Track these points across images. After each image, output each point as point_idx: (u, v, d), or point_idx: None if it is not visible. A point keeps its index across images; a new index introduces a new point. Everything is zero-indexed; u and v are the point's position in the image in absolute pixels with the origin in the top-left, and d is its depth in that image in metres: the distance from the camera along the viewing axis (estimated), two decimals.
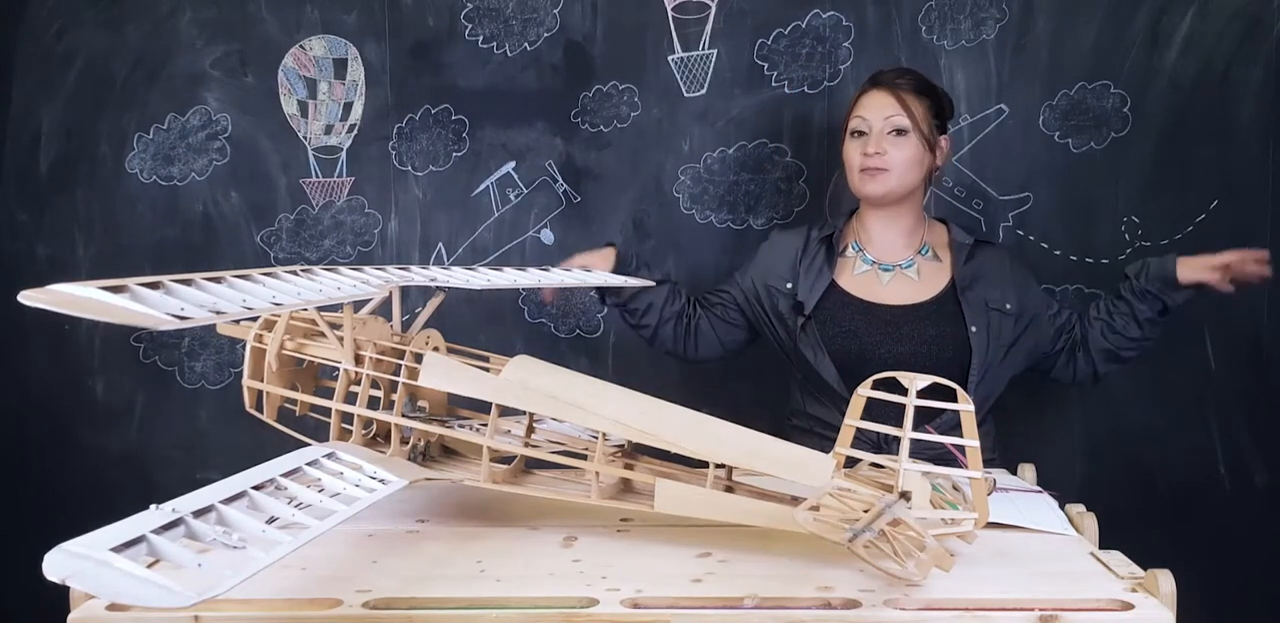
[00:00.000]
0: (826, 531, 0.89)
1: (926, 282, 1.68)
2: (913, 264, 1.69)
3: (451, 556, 1.03)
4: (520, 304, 2.14)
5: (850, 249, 1.73)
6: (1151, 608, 0.86)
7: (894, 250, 1.71)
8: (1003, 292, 1.66)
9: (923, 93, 1.65)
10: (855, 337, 1.63)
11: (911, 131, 1.62)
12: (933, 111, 1.66)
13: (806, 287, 1.68)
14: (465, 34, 2.09)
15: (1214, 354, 1.98)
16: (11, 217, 2.17)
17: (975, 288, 1.65)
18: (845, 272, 1.71)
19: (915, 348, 1.61)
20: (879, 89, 1.65)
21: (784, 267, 1.72)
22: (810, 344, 1.65)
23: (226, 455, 2.11)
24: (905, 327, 1.63)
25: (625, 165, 2.10)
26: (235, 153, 2.14)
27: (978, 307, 1.63)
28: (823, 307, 1.67)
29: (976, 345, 1.61)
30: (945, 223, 1.75)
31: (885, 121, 1.63)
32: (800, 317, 1.66)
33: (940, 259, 1.70)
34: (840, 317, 1.65)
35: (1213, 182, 1.95)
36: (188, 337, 2.16)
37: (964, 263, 1.67)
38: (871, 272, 1.70)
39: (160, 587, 0.69)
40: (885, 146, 1.62)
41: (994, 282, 1.66)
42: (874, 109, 1.64)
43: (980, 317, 1.63)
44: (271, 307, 0.86)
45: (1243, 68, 1.93)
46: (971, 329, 1.62)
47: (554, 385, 1.07)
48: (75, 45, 2.13)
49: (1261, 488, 1.98)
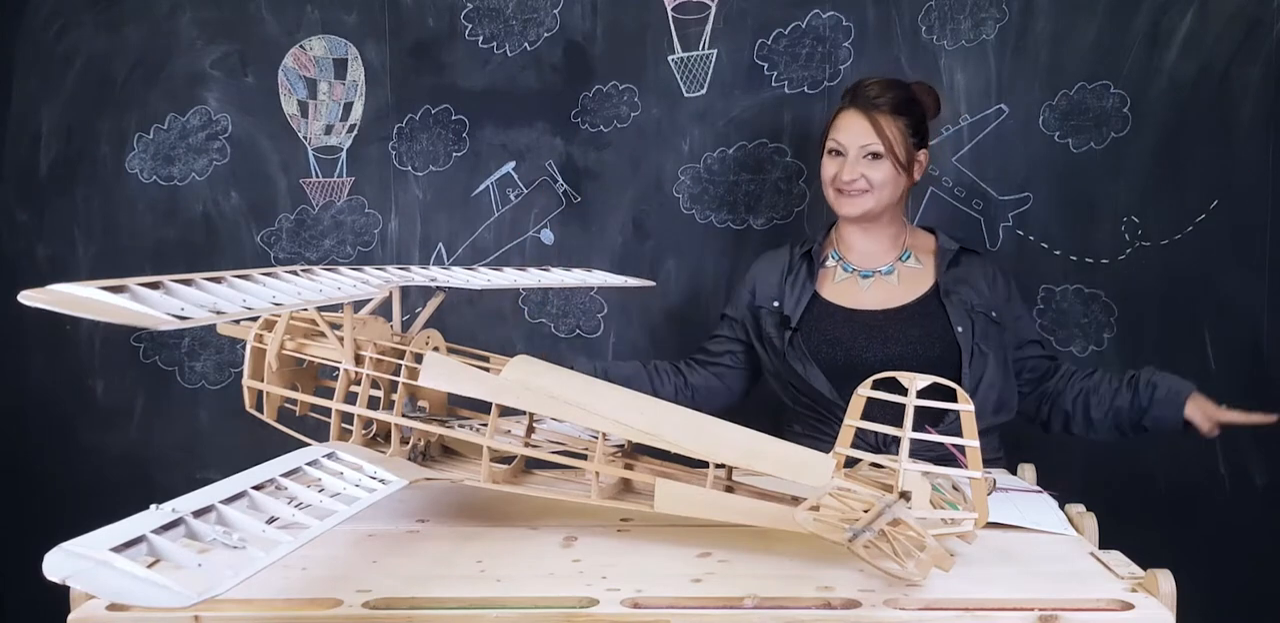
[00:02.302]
0: (826, 531, 0.89)
1: (906, 286, 1.68)
2: (893, 270, 1.70)
3: (451, 556, 1.03)
4: (520, 304, 2.14)
5: (830, 259, 1.74)
6: (1151, 608, 0.86)
7: (874, 257, 1.72)
8: (986, 300, 1.65)
9: (900, 111, 1.64)
10: (840, 343, 1.64)
11: (886, 156, 1.63)
12: (910, 129, 1.65)
13: (792, 301, 1.69)
14: (465, 34, 2.09)
15: (1214, 354, 1.98)
16: (11, 217, 2.17)
17: (959, 291, 1.65)
18: (827, 282, 1.72)
19: (902, 349, 1.61)
20: (855, 110, 1.64)
21: (772, 287, 1.73)
22: (798, 357, 1.65)
23: (226, 455, 2.11)
24: (889, 328, 1.63)
25: (625, 165, 2.10)
26: (235, 153, 2.14)
27: (961, 309, 1.63)
28: (806, 319, 1.67)
29: (964, 344, 1.60)
30: (934, 232, 1.75)
31: (859, 148, 1.63)
32: (787, 330, 1.66)
33: (922, 264, 1.70)
34: (824, 326, 1.66)
35: (1213, 182, 1.95)
36: (188, 337, 2.16)
37: (947, 268, 1.67)
38: (851, 278, 1.71)
39: (160, 587, 0.69)
40: (860, 171, 1.63)
41: (978, 289, 1.66)
42: (849, 133, 1.64)
43: (964, 318, 1.62)
44: (271, 307, 0.86)
45: (1243, 68, 1.93)
46: (958, 329, 1.61)
47: (554, 385, 1.07)
48: (75, 45, 2.13)
49: (1261, 488, 1.98)
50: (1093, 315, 2.01)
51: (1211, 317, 1.96)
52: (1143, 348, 2.00)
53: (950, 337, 1.61)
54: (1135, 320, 2.00)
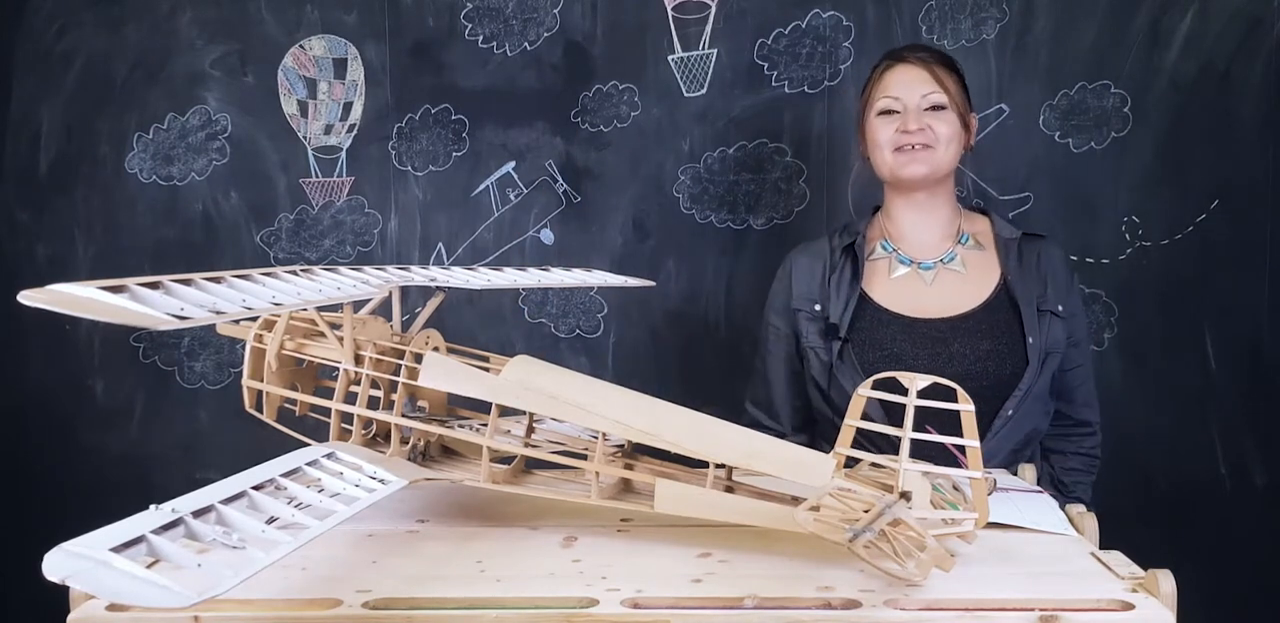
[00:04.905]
0: (827, 531, 0.89)
1: (975, 275, 1.51)
2: (955, 256, 1.52)
3: (451, 556, 1.03)
4: (520, 304, 2.14)
5: (880, 250, 1.56)
6: (1152, 608, 0.86)
7: (931, 244, 1.54)
8: (1053, 290, 1.49)
9: (950, 67, 1.53)
10: (900, 360, 1.44)
11: (949, 107, 1.49)
12: (962, 86, 1.53)
13: (839, 306, 1.50)
14: (465, 34, 2.09)
15: (1214, 354, 1.98)
16: (11, 217, 2.17)
17: (1026, 285, 1.48)
18: (879, 279, 1.53)
19: (969, 367, 1.43)
20: (908, 64, 1.50)
21: (812, 286, 1.55)
22: (849, 372, 1.46)
23: (226, 455, 2.11)
24: (955, 343, 1.45)
25: (625, 165, 2.10)
26: (235, 153, 2.14)
27: (1032, 309, 1.47)
28: (857, 327, 1.49)
29: (1033, 357, 1.44)
30: (987, 214, 1.60)
31: (922, 99, 1.48)
32: (836, 341, 1.48)
33: (984, 246, 1.54)
34: (880, 338, 1.47)
35: (1213, 182, 1.95)
36: (187, 337, 2.16)
37: (1012, 259, 1.51)
38: (911, 272, 1.52)
39: (160, 587, 0.69)
40: (926, 121, 1.47)
41: (1043, 278, 1.50)
42: (907, 86, 1.49)
43: (1035, 323, 1.45)
44: (271, 307, 0.86)
45: (1243, 67, 1.94)
46: (1029, 340, 1.44)
47: (554, 385, 1.07)
48: (75, 45, 2.13)
49: (1261, 488, 1.98)
50: (1093, 315, 2.01)
51: (1211, 317, 1.96)
52: (1143, 348, 2.00)
53: (1021, 350, 1.45)
54: (1135, 320, 2.00)
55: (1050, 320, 1.48)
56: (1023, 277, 1.50)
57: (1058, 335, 1.49)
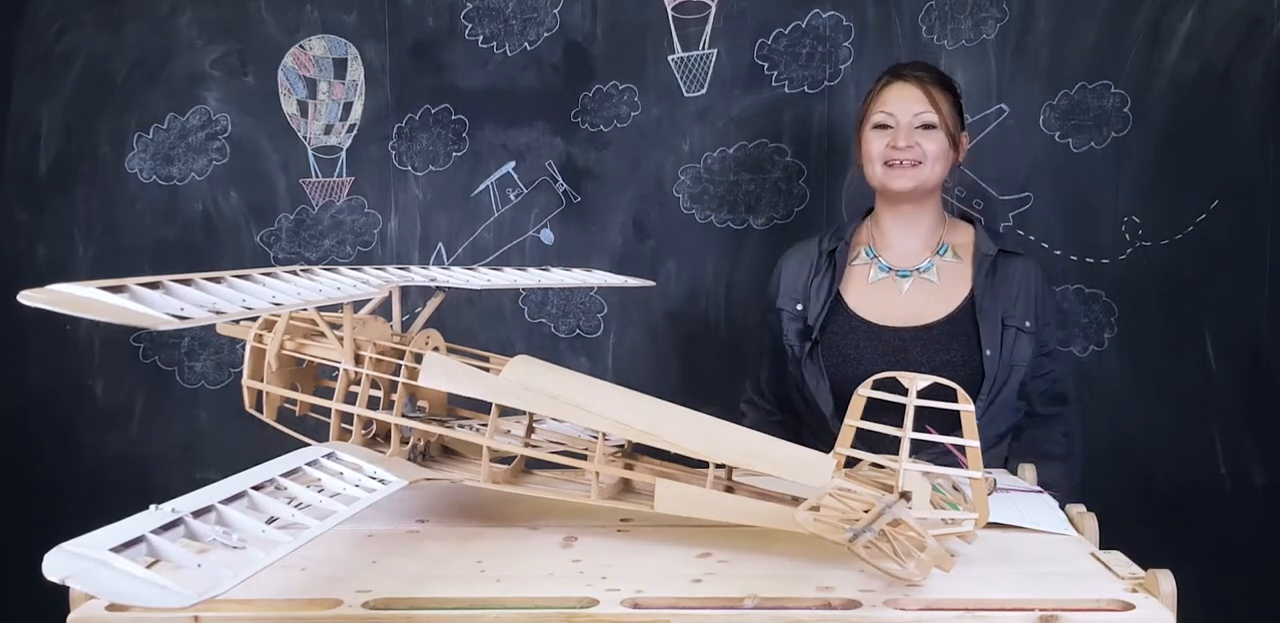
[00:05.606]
0: (827, 531, 0.89)
1: (947, 287, 1.59)
2: (931, 266, 1.61)
3: (451, 556, 1.03)
4: (520, 304, 2.14)
5: (863, 255, 1.64)
6: (1152, 608, 0.86)
7: (912, 253, 1.62)
8: (1023, 306, 1.57)
9: (946, 87, 1.60)
10: (859, 363, 1.54)
11: (939, 127, 1.56)
12: (955, 107, 1.60)
13: (816, 307, 1.59)
14: (465, 34, 2.09)
15: (1214, 354, 1.98)
16: (11, 217, 2.17)
17: (994, 301, 1.56)
18: (857, 284, 1.62)
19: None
20: (905, 82, 1.58)
21: (797, 286, 1.64)
22: (814, 371, 1.57)
23: (226, 455, 2.11)
24: (914, 352, 1.54)
25: (625, 165, 2.10)
26: (235, 153, 2.14)
27: (993, 325, 1.54)
28: (829, 329, 1.58)
29: (989, 369, 1.52)
30: (974, 224, 1.67)
31: (914, 117, 1.56)
32: (808, 341, 1.58)
33: (960, 259, 1.61)
34: (845, 343, 1.57)
35: (1213, 182, 1.95)
36: (187, 337, 2.16)
37: (984, 275, 1.58)
38: (888, 279, 1.61)
39: (160, 587, 0.69)
40: (915, 139, 1.55)
41: (1014, 294, 1.57)
42: (901, 103, 1.57)
43: (994, 339, 1.53)
44: (271, 307, 0.86)
45: (1243, 67, 1.93)
46: (986, 353, 1.52)
47: (554, 385, 1.07)
48: (75, 45, 2.13)
49: (1261, 488, 1.98)
50: (1093, 315, 2.01)
51: (1211, 317, 1.96)
52: (1143, 348, 2.00)
53: (977, 360, 1.52)
54: (1135, 320, 2.00)
55: (1016, 335, 1.55)
56: (992, 291, 1.57)
57: (1024, 350, 1.56)
